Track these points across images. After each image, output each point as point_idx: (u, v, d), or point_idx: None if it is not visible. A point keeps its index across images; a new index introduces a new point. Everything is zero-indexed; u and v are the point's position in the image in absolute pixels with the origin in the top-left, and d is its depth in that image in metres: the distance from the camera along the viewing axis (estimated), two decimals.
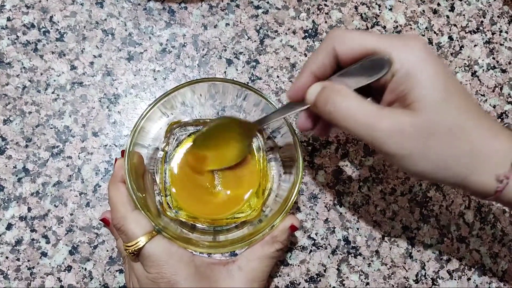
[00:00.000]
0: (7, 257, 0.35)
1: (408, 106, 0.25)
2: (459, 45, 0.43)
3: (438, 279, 0.39)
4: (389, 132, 0.25)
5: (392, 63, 0.25)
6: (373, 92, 0.29)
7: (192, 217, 0.35)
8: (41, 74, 0.38)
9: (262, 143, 0.37)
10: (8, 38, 0.39)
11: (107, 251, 0.36)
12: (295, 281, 0.37)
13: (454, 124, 0.25)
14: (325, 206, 0.39)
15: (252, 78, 0.40)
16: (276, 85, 0.40)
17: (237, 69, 0.40)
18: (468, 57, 0.43)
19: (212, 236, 0.33)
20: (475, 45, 0.44)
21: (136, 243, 0.29)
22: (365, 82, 0.27)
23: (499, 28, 0.44)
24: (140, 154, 0.33)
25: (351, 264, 0.38)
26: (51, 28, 0.39)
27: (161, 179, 0.35)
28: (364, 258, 0.38)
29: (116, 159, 0.32)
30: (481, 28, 0.44)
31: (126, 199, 0.30)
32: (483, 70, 0.43)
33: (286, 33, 0.42)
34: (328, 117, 0.27)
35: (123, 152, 0.31)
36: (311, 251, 0.38)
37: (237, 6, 0.42)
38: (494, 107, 0.43)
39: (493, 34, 0.44)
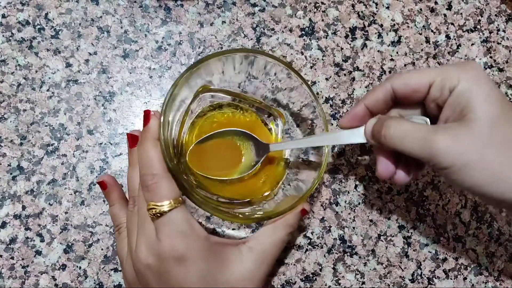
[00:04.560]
0: (1, 256, 0.35)
1: (464, 117, 0.26)
2: (456, 43, 0.43)
3: (434, 278, 0.39)
4: (445, 145, 0.25)
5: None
6: (429, 116, 0.30)
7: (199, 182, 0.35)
8: (36, 71, 0.38)
9: (283, 129, 0.38)
10: (3, 35, 0.39)
11: (102, 249, 0.36)
12: (290, 280, 0.37)
13: (510, 135, 0.26)
14: (321, 205, 0.39)
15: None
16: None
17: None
18: (465, 56, 0.43)
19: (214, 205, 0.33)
20: (472, 44, 0.43)
21: (163, 205, 0.27)
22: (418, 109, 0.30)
23: (496, 27, 0.44)
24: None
25: (347, 263, 0.38)
26: (46, 25, 0.39)
27: (180, 135, 0.36)
28: (360, 257, 0.38)
29: (148, 113, 0.30)
30: (478, 26, 0.44)
31: (162, 157, 0.29)
32: None
33: (282, 31, 0.41)
34: (384, 141, 0.29)
35: (146, 112, 0.30)
36: (307, 250, 0.38)
37: (234, 3, 0.41)
38: None
39: (490, 33, 0.44)
